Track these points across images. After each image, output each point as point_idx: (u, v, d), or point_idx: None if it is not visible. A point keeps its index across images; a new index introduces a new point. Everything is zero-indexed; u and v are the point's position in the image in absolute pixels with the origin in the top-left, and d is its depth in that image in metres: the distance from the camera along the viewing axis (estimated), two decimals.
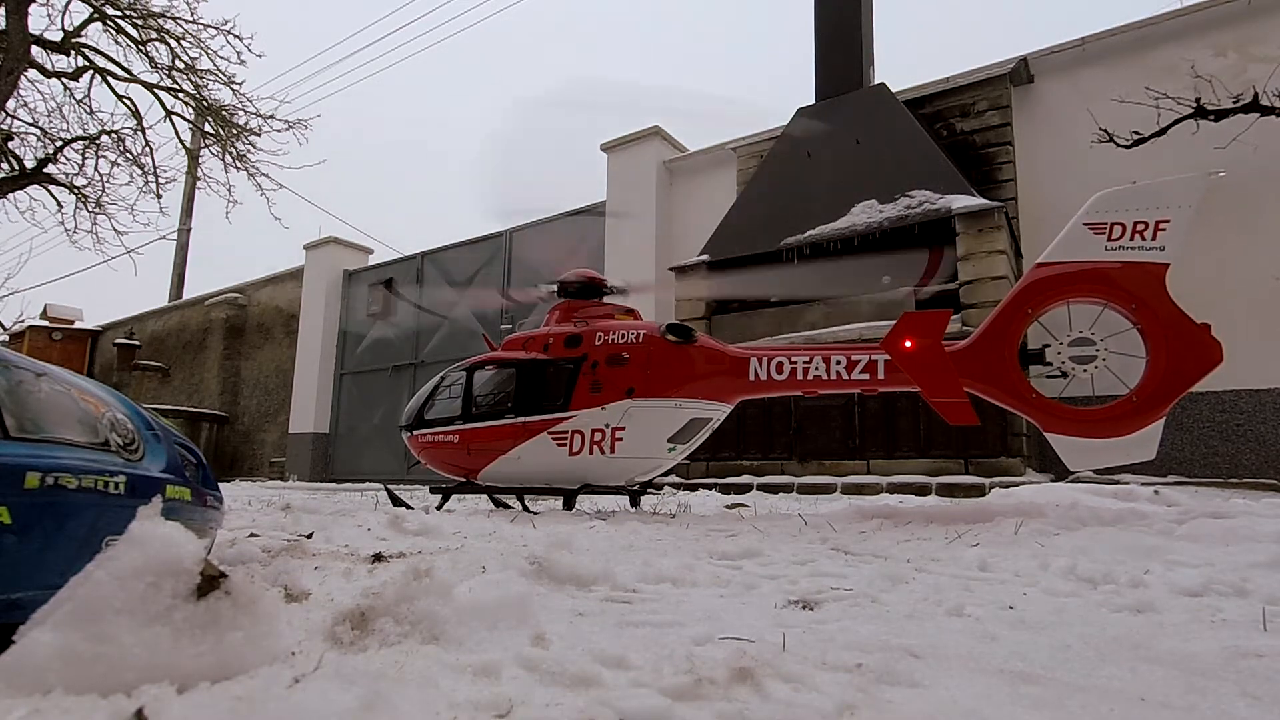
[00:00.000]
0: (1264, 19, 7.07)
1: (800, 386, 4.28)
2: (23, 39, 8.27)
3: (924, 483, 6.58)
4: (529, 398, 4.70)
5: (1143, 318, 3.48)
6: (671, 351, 4.52)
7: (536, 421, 4.62)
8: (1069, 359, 3.70)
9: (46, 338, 19.73)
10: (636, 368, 4.50)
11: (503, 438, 4.70)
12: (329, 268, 15.32)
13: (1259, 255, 6.77)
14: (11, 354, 1.36)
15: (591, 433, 4.50)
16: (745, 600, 1.90)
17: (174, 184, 10.77)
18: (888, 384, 4.05)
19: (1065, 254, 3.61)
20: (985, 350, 3.76)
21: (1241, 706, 1.10)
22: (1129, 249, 3.47)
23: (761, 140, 9.93)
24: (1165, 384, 3.42)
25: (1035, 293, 3.70)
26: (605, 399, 4.49)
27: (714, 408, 4.58)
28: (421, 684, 1.04)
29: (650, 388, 4.46)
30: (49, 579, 1.07)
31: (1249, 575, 2.08)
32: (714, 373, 4.49)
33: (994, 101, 8.23)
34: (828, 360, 4.14)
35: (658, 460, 4.67)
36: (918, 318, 3.83)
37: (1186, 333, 3.40)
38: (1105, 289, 3.51)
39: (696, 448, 4.88)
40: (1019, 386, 3.70)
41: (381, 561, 2.19)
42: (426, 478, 12.63)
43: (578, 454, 4.53)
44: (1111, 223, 3.49)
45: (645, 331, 4.62)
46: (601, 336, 4.67)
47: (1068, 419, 3.62)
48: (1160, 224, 3.44)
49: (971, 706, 1.06)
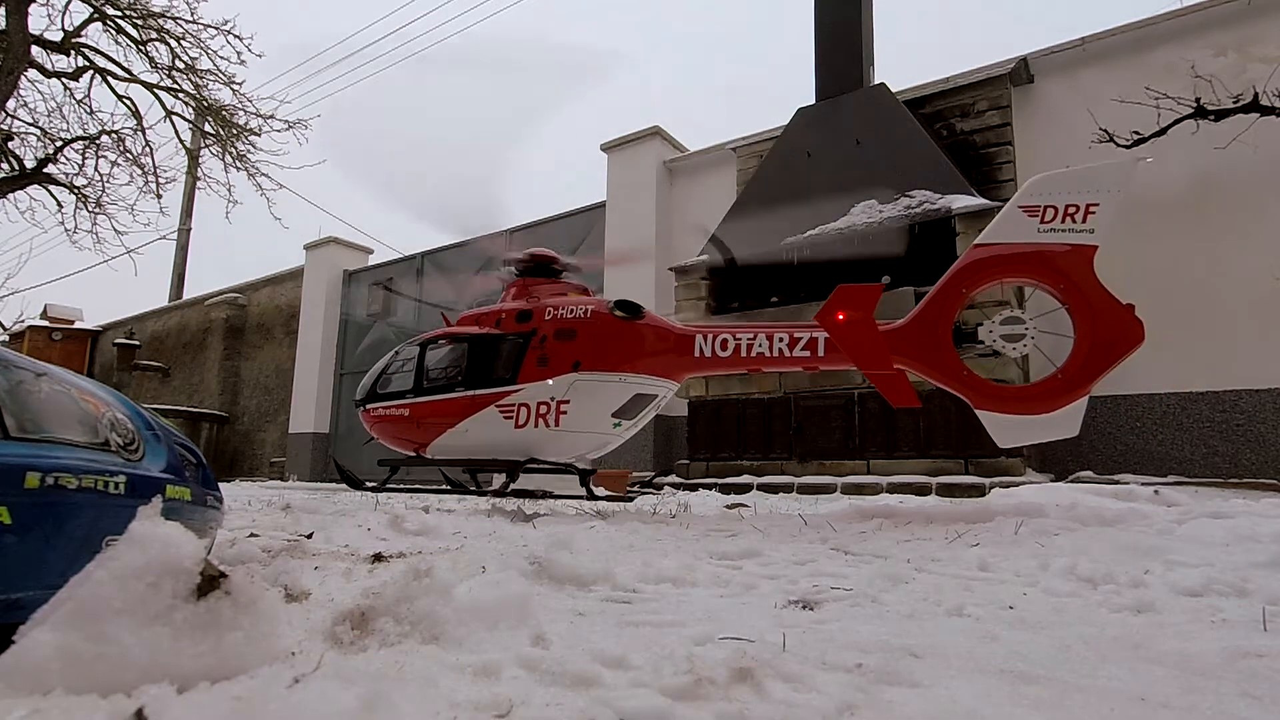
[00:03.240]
0: (1264, 19, 7.07)
1: (744, 364, 4.34)
2: (23, 39, 8.27)
3: (924, 483, 6.58)
4: (478, 372, 4.74)
5: (1070, 297, 3.56)
6: (618, 327, 4.54)
7: (484, 395, 4.66)
8: (1000, 337, 3.78)
9: (46, 338, 19.73)
10: (583, 342, 4.52)
11: (451, 411, 4.73)
12: (329, 268, 15.32)
13: (1259, 255, 6.77)
14: (11, 354, 1.36)
15: (537, 406, 4.53)
16: (745, 600, 1.90)
17: (174, 184, 10.77)
18: (828, 361, 4.12)
19: (1000, 235, 3.71)
20: (921, 329, 3.84)
21: (1241, 706, 1.10)
22: (1060, 231, 3.56)
23: (761, 140, 9.93)
24: (1090, 362, 3.52)
25: (971, 273, 3.79)
26: (551, 373, 4.52)
27: (659, 384, 4.61)
28: (421, 684, 1.04)
29: (596, 362, 4.48)
30: (49, 579, 1.07)
31: (1249, 575, 2.08)
32: (660, 349, 4.54)
33: (994, 101, 8.23)
34: (771, 338, 4.19)
35: (603, 436, 4.69)
36: (851, 291, 3.90)
37: (1112, 312, 3.49)
38: (1036, 269, 3.61)
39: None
40: (952, 365, 3.77)
41: (381, 561, 2.19)
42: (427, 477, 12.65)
43: (524, 427, 4.55)
44: (1045, 205, 3.59)
45: (593, 307, 4.65)
46: (551, 311, 4.69)
47: (996, 396, 3.72)
48: (1090, 207, 3.53)
49: (971, 706, 1.06)
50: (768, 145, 9.58)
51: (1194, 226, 7.12)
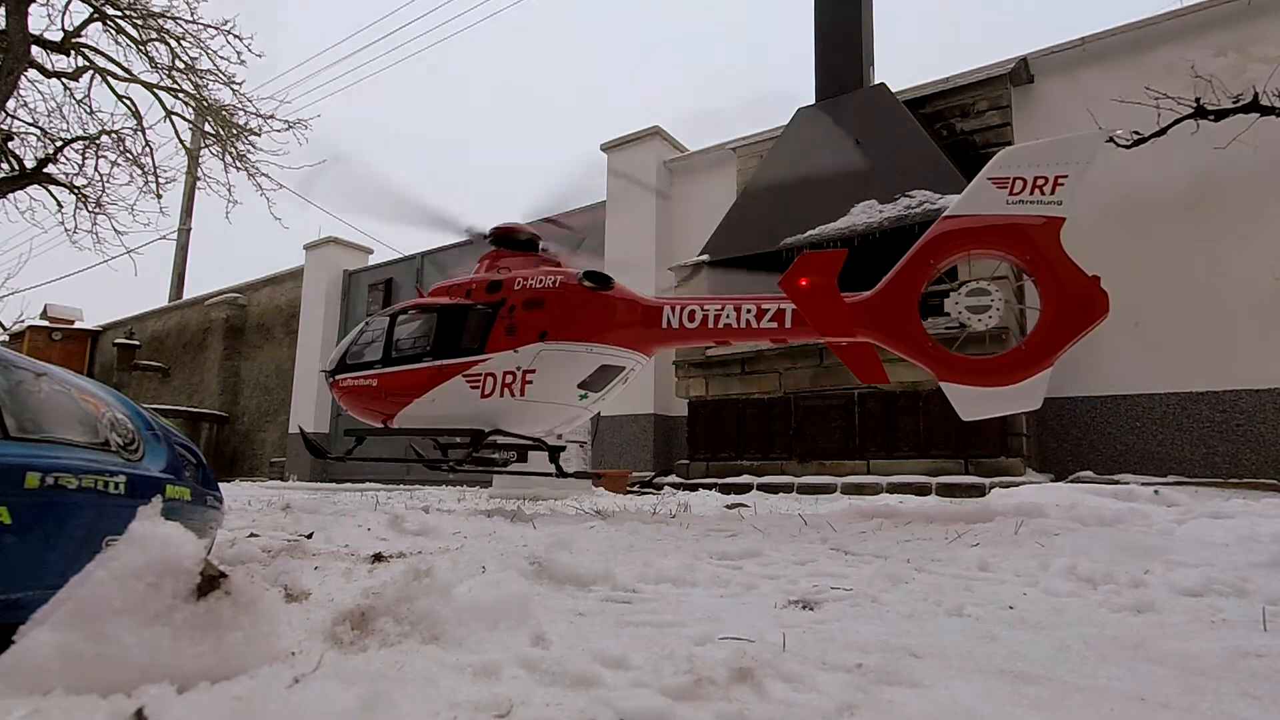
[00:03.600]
0: (1264, 19, 7.07)
1: (712, 335, 4.32)
2: (23, 39, 8.27)
3: (924, 483, 6.58)
4: (446, 342, 4.70)
5: (1037, 270, 3.55)
6: (586, 297, 4.51)
7: (451, 365, 4.62)
8: (966, 309, 3.77)
9: (46, 338, 19.74)
10: (551, 312, 4.49)
11: (419, 381, 4.70)
12: (329, 268, 15.32)
13: (1259, 255, 6.77)
14: (11, 354, 1.36)
15: (503, 375, 4.50)
16: (745, 600, 1.90)
17: (174, 184, 10.76)
18: (795, 333, 4.10)
19: (970, 208, 3.68)
20: (888, 300, 3.81)
21: (1241, 706, 1.10)
22: (1029, 203, 3.54)
23: (761, 140, 9.93)
24: (1054, 334, 3.49)
25: (939, 245, 3.75)
26: (519, 342, 4.49)
27: (627, 355, 4.57)
28: (421, 684, 1.04)
29: (563, 331, 4.44)
30: (49, 579, 1.07)
31: (1249, 575, 2.09)
32: (628, 320, 4.51)
33: (994, 101, 8.23)
34: (739, 309, 4.16)
35: (569, 408, 4.65)
36: (815, 257, 3.90)
37: (1077, 284, 3.47)
38: (1004, 241, 3.59)
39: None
40: (917, 337, 3.76)
41: (381, 561, 2.19)
42: (427, 478, 12.63)
43: (489, 396, 4.52)
44: (1014, 178, 3.57)
45: (562, 278, 4.62)
46: (520, 282, 4.66)
47: (960, 369, 3.69)
48: (1059, 179, 3.50)
49: (971, 706, 1.06)
50: (768, 145, 9.58)
51: (1194, 226, 7.13)
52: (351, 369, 5.05)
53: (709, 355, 8.46)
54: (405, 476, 12.96)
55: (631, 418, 10.23)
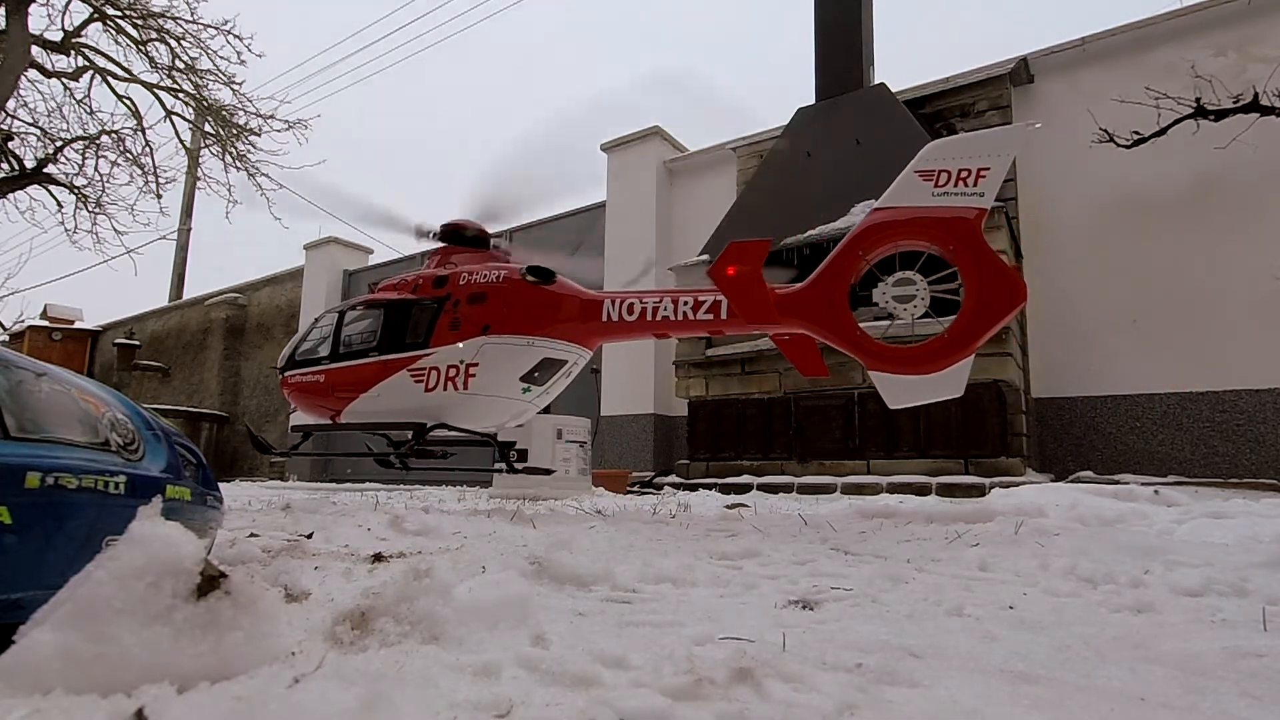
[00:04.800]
0: (1264, 19, 7.07)
1: (650, 328, 4.37)
2: (23, 39, 8.26)
3: (924, 483, 6.57)
4: (392, 336, 4.76)
5: (960, 259, 3.63)
6: (528, 291, 4.57)
7: (396, 360, 4.67)
8: (892, 298, 3.86)
9: (46, 338, 19.74)
10: (494, 306, 4.57)
11: (365, 375, 4.75)
12: (329, 268, 15.32)
13: (1259, 255, 6.77)
14: (11, 354, 1.36)
15: (447, 369, 4.54)
16: (745, 600, 1.89)
17: (174, 184, 10.76)
18: (730, 325, 4.16)
19: (898, 200, 3.77)
20: (818, 292, 3.91)
21: (1241, 706, 1.10)
22: (953, 194, 3.64)
23: (761, 140, 9.93)
24: (975, 323, 3.57)
25: (869, 237, 3.83)
26: (462, 337, 4.55)
27: (569, 349, 4.64)
28: (421, 684, 1.04)
29: (505, 325, 4.52)
30: (49, 579, 1.07)
31: (1249, 575, 2.09)
32: (570, 314, 4.57)
33: (994, 101, 8.23)
34: (676, 301, 4.24)
35: (513, 401, 4.70)
36: (742, 246, 3.99)
37: (997, 274, 3.56)
38: (930, 232, 3.68)
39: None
40: (846, 327, 3.86)
41: (381, 561, 2.19)
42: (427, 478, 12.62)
43: (433, 390, 4.57)
44: (939, 170, 3.67)
45: (505, 273, 4.69)
46: (466, 277, 4.72)
47: (887, 358, 3.79)
48: (981, 171, 3.59)
49: (971, 706, 1.06)
50: (768, 145, 9.58)
51: (1194, 226, 7.12)
52: (300, 365, 5.11)
53: (709, 355, 8.47)
54: (405, 477, 12.96)
55: (631, 418, 10.23)
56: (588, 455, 7.39)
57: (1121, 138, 6.95)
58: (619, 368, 10.42)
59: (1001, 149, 3.62)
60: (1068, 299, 7.64)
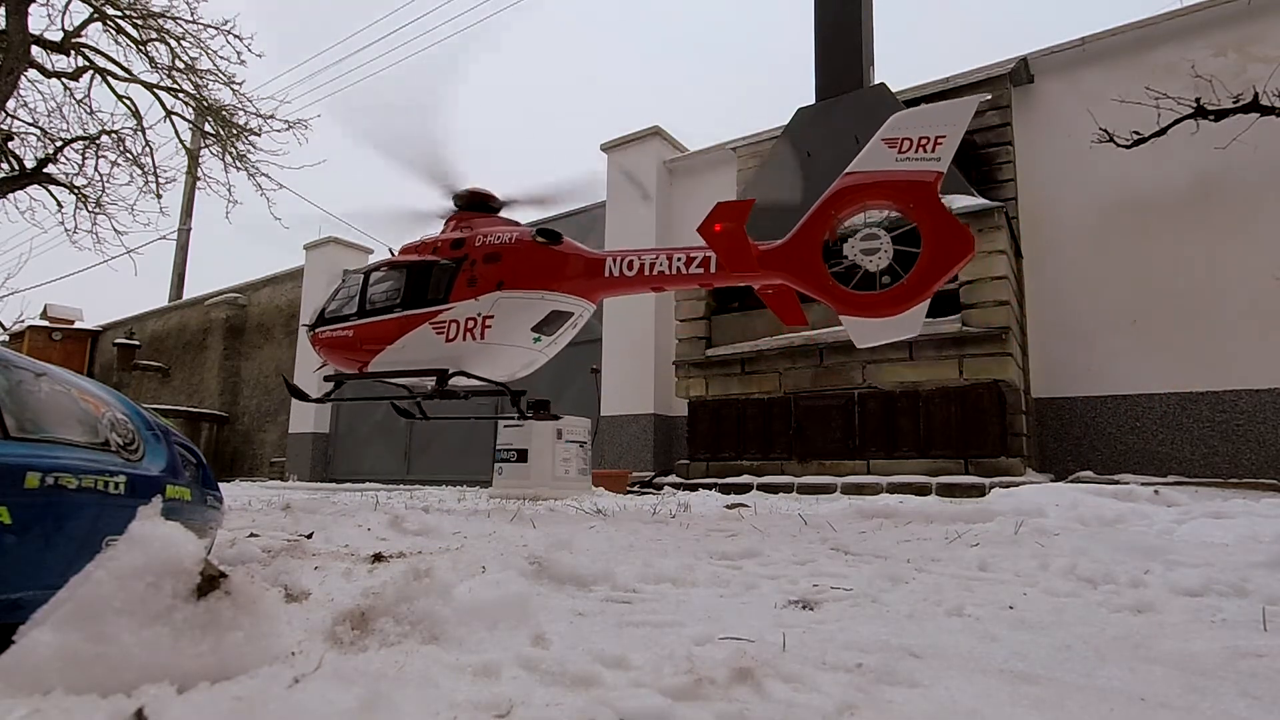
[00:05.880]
0: (1264, 19, 7.07)
1: (648, 282, 4.83)
2: (23, 39, 8.26)
3: (924, 483, 6.57)
4: (415, 294, 5.22)
5: (919, 216, 4.07)
6: (539, 251, 5.06)
7: (419, 314, 5.13)
8: (860, 251, 4.32)
9: (46, 338, 19.73)
10: (507, 264, 5.04)
11: (390, 329, 5.20)
12: (329, 268, 15.31)
13: (1259, 255, 6.77)
14: (11, 354, 1.36)
15: (465, 321, 5.02)
16: (745, 600, 1.89)
17: (174, 184, 10.75)
18: (719, 278, 4.69)
19: (866, 165, 4.25)
20: (797, 246, 4.42)
21: (1241, 706, 1.10)
22: (914, 160, 4.09)
23: (761, 140, 9.93)
24: (930, 270, 4.03)
25: (840, 199, 4.32)
26: (479, 292, 5.03)
27: (575, 302, 5.12)
28: (421, 684, 1.04)
29: (518, 281, 5.00)
30: (49, 579, 1.07)
31: (1249, 575, 2.09)
32: (575, 271, 5.04)
33: (994, 101, 8.22)
34: (670, 258, 4.76)
35: (525, 350, 5.17)
36: (727, 206, 4.48)
37: (950, 230, 4.01)
38: (893, 194, 4.14)
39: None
40: (820, 276, 4.33)
41: (381, 561, 2.19)
42: (427, 478, 12.62)
43: (453, 340, 5.03)
44: (901, 138, 4.13)
45: (517, 234, 5.19)
46: (481, 239, 5.20)
47: (855, 302, 4.25)
48: (938, 139, 4.04)
49: (971, 706, 1.06)
50: (768, 145, 9.58)
51: (1194, 226, 7.12)
52: (329, 322, 5.56)
53: (709, 355, 8.47)
54: (406, 476, 12.97)
55: (631, 418, 10.23)
56: (588, 455, 7.39)
57: (1121, 138, 6.95)
58: (619, 368, 10.42)
59: (955, 119, 4.09)
60: (1068, 299, 7.65)
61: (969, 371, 6.76)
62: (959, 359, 6.83)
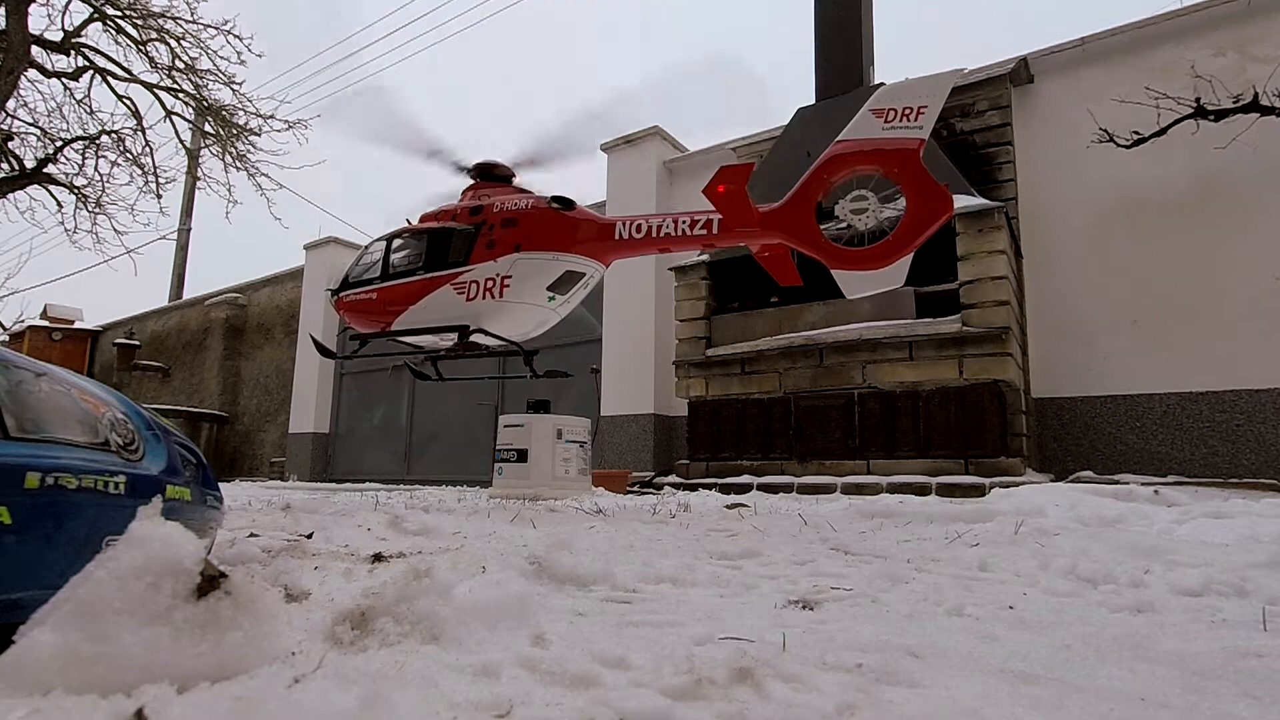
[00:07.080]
0: (1264, 19, 7.06)
1: (655, 244, 5.20)
2: (23, 39, 8.26)
3: (924, 483, 6.57)
4: (437, 257, 5.54)
5: (903, 179, 4.43)
6: (553, 215, 5.40)
7: (441, 276, 5.46)
8: (850, 212, 4.72)
9: (46, 338, 19.73)
10: (524, 228, 5.37)
11: (413, 291, 5.53)
12: (329, 268, 15.31)
13: (1259, 255, 6.76)
14: (11, 354, 1.36)
15: (485, 281, 5.35)
16: (745, 600, 1.89)
17: (174, 184, 10.76)
18: (721, 239, 5.07)
19: (856, 134, 4.62)
20: (794, 208, 4.81)
21: (1241, 706, 1.10)
22: (899, 128, 4.44)
23: (761, 140, 9.92)
24: (913, 227, 4.40)
25: (832, 164, 4.68)
26: (497, 254, 5.35)
27: (588, 264, 5.43)
28: (421, 684, 1.04)
29: (534, 244, 5.33)
30: (49, 579, 1.07)
31: (1249, 575, 2.09)
32: (588, 234, 5.36)
33: (994, 101, 8.22)
34: (676, 221, 5.13)
35: (540, 309, 5.51)
36: (730, 169, 4.79)
37: (930, 191, 4.35)
38: (881, 159, 4.49)
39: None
40: (814, 234, 4.73)
41: (381, 561, 2.19)
42: (427, 478, 12.62)
43: (473, 300, 5.36)
44: (887, 109, 4.48)
45: (533, 201, 5.50)
46: (499, 205, 5.52)
47: (845, 257, 4.66)
48: (921, 109, 4.39)
49: (971, 706, 1.06)
50: (768, 145, 9.58)
51: (1194, 226, 7.12)
52: (354, 286, 5.87)
53: (709, 355, 8.46)
54: (406, 476, 12.97)
55: (631, 418, 10.23)
56: (588, 455, 7.39)
57: (1121, 138, 6.95)
58: (619, 368, 10.42)
59: (936, 91, 4.41)
60: (1068, 299, 7.64)
61: (969, 371, 6.76)
62: (959, 359, 6.83)
